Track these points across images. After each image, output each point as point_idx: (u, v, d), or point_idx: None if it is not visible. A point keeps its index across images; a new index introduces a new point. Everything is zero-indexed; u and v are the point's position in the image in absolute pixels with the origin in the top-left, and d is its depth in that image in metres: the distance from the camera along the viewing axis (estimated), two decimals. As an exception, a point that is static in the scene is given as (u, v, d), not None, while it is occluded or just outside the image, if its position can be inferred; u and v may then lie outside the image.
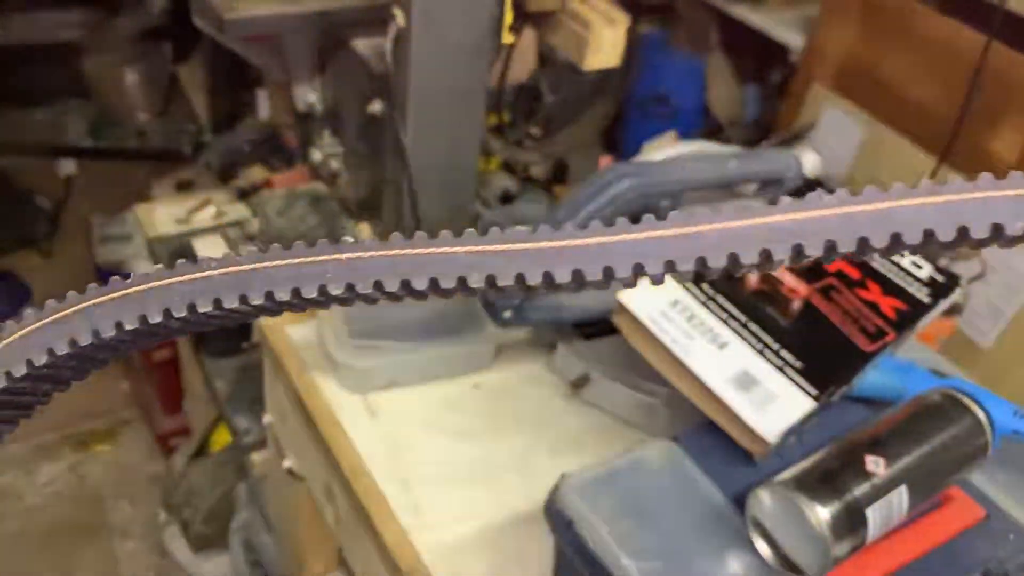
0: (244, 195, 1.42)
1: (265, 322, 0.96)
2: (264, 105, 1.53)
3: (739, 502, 0.63)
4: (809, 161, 0.85)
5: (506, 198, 1.57)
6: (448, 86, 0.99)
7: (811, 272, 0.74)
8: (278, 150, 1.42)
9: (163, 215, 1.42)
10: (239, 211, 1.42)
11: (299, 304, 0.24)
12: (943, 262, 0.78)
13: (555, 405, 0.91)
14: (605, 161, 0.91)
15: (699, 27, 2.48)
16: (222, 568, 1.44)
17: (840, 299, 0.72)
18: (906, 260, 0.75)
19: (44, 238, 2.22)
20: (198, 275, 0.24)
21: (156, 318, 0.24)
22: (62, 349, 0.24)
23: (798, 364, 0.67)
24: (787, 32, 2.07)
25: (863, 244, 0.20)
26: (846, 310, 0.72)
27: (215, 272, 0.24)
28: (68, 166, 2.44)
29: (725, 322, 0.69)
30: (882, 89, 1.79)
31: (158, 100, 2.54)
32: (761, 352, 0.68)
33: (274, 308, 0.24)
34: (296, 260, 0.23)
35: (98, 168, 2.48)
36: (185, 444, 1.59)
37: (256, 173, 1.42)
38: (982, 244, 0.21)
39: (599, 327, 0.92)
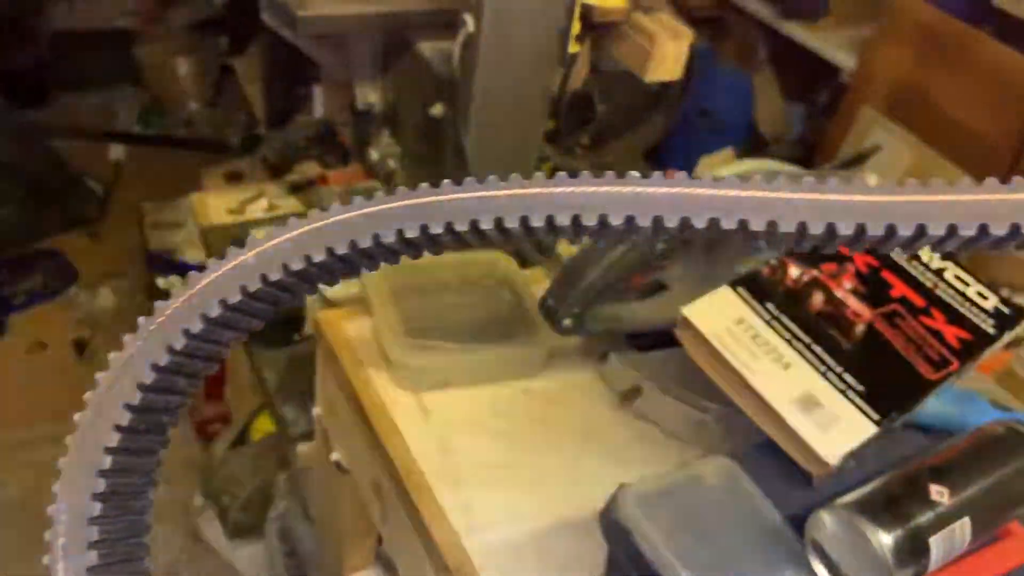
0: (296, 189, 1.44)
1: (321, 316, 0.98)
2: (319, 102, 1.55)
3: (795, 522, 0.64)
4: (872, 183, 0.85)
5: (553, 205, 1.58)
6: (512, 92, 1.00)
7: (875, 297, 0.74)
8: (333, 147, 1.44)
9: (216, 205, 1.44)
10: (291, 205, 1.44)
11: (570, 231, 0.24)
12: (1005, 292, 0.78)
13: (603, 414, 0.91)
14: (669, 176, 0.91)
15: (748, 43, 2.47)
16: (256, 556, 1.46)
17: (904, 325, 0.72)
18: (971, 290, 0.75)
19: (93, 221, 2.26)
20: (482, 194, 0.24)
21: (436, 230, 0.24)
22: (341, 249, 0.24)
23: (861, 388, 0.67)
24: (839, 52, 2.06)
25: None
26: (910, 337, 0.72)
27: (500, 193, 0.24)
28: (118, 151, 2.49)
29: (789, 343, 0.69)
30: (934, 114, 1.78)
31: (209, 91, 2.58)
32: (824, 374, 0.68)
33: (544, 231, 0.24)
34: (579, 188, 0.24)
35: (147, 154, 2.53)
36: (225, 431, 1.61)
37: (310, 168, 1.44)
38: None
39: (651, 339, 0.92)
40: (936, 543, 0.57)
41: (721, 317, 0.70)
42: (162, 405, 0.28)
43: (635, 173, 0.24)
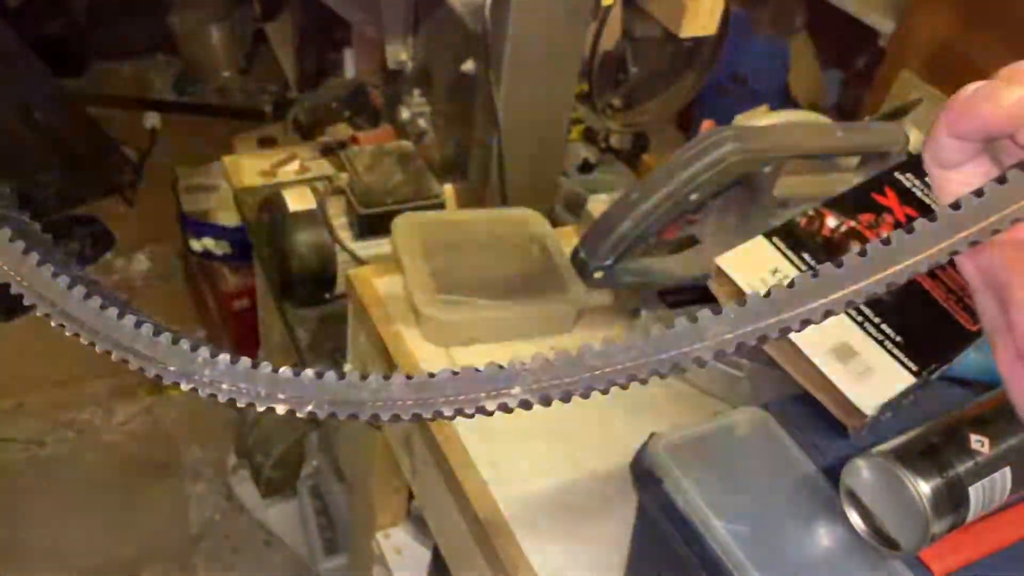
0: (328, 151, 1.44)
1: (352, 273, 0.98)
2: (351, 64, 1.55)
3: (830, 473, 0.63)
4: (914, 136, 0.83)
5: (585, 167, 1.56)
6: (545, 47, 0.99)
7: (915, 249, 0.72)
8: (364, 108, 1.44)
9: (249, 168, 1.45)
10: (322, 167, 1.44)
11: None
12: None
13: (634, 371, 0.91)
14: (707, 125, 0.90)
15: (785, 8, 2.41)
16: (288, 514, 1.48)
17: (944, 276, 0.71)
18: (1016, 242, 0.72)
19: (129, 187, 2.29)
20: None
21: None
22: None
23: (899, 339, 0.66)
24: (877, 16, 2.01)
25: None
26: (950, 288, 0.70)
27: None
28: (153, 119, 2.51)
29: (825, 293, 0.68)
30: (977, 78, 1.72)
31: (241, 59, 2.59)
32: (861, 324, 0.66)
33: None
34: None
35: (182, 122, 2.55)
36: (258, 392, 1.63)
37: (341, 130, 1.43)
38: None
39: (682, 297, 0.92)
40: (975, 493, 0.56)
41: (756, 267, 0.69)
42: None
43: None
